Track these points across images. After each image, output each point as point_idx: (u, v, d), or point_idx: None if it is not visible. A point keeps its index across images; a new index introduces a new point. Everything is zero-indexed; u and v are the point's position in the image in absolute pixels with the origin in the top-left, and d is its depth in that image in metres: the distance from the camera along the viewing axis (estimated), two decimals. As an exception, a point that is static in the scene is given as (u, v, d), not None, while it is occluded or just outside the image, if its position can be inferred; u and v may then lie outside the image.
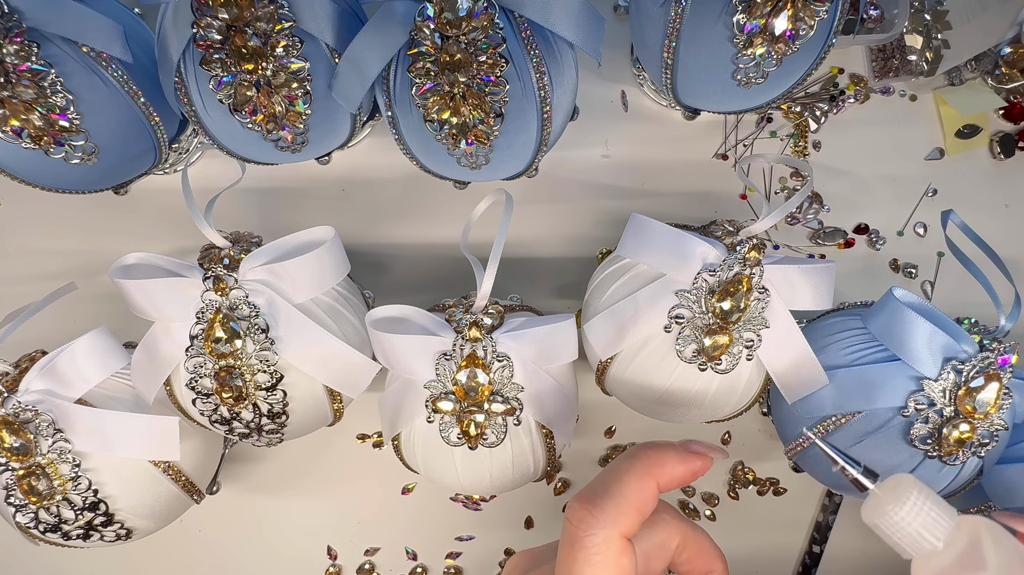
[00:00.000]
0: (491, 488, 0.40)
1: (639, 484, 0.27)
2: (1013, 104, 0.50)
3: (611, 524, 0.26)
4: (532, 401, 0.38)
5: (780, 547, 0.50)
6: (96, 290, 0.49)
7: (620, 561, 0.26)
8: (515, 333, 0.37)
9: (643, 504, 0.27)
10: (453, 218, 0.50)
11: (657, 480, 0.28)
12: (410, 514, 0.52)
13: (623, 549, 0.26)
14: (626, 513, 0.26)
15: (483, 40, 0.34)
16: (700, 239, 0.37)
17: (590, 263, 0.48)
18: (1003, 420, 0.37)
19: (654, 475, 0.28)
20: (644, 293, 0.38)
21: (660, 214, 0.41)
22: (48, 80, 0.37)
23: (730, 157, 0.51)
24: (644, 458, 0.28)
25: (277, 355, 0.37)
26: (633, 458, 0.28)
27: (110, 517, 0.39)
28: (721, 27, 0.37)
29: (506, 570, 0.31)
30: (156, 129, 0.42)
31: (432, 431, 0.38)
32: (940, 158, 0.51)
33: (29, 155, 0.39)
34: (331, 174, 0.51)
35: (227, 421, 0.39)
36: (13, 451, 0.37)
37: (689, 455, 0.29)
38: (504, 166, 0.41)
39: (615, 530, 0.26)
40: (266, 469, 0.52)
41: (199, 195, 0.39)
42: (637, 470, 0.28)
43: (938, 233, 0.45)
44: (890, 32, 0.46)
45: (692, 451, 0.29)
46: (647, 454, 0.28)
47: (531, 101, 0.37)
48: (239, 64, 0.36)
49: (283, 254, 0.38)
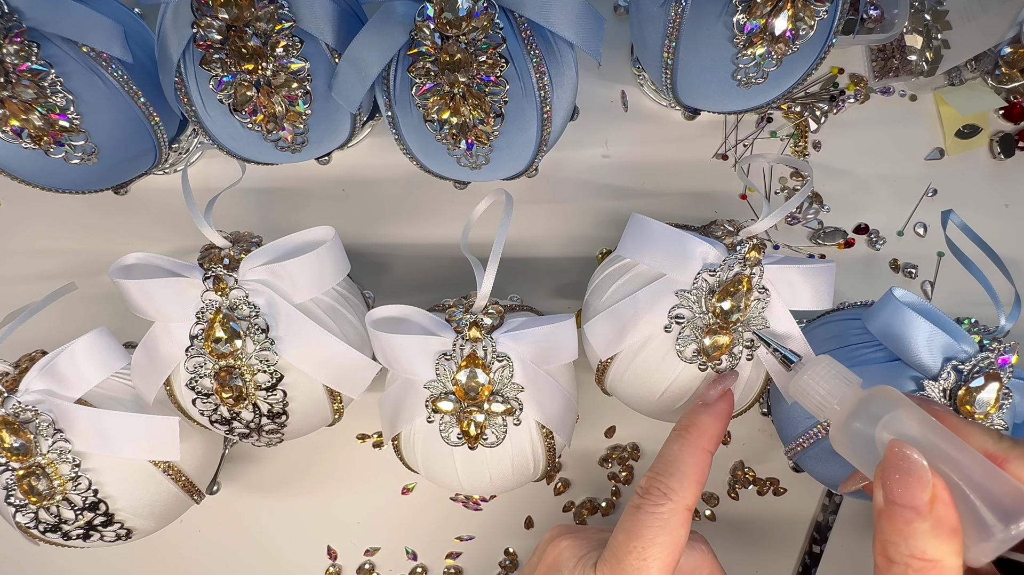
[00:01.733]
0: (491, 488, 0.40)
1: (693, 459, 0.31)
2: (1013, 104, 0.50)
3: (677, 497, 0.30)
4: (532, 401, 0.38)
5: (780, 547, 0.50)
6: (96, 290, 0.49)
7: (680, 531, 0.30)
8: (515, 333, 0.37)
9: (701, 475, 0.31)
10: (453, 218, 0.50)
11: (707, 448, 0.32)
12: (410, 514, 0.52)
13: (684, 522, 0.30)
14: (687, 487, 0.30)
15: (483, 40, 0.34)
16: (700, 239, 0.37)
17: (590, 263, 0.48)
18: (1003, 420, 0.37)
19: (702, 446, 0.32)
20: (644, 293, 0.38)
21: (660, 214, 0.41)
22: (48, 80, 0.37)
23: (730, 157, 0.51)
24: (687, 433, 0.32)
25: (277, 355, 0.37)
26: (681, 438, 0.32)
27: (110, 517, 0.39)
28: (721, 27, 0.37)
29: (550, 550, 0.33)
30: (156, 129, 0.42)
31: (432, 431, 0.38)
32: (940, 158, 0.51)
33: (29, 155, 0.39)
34: (331, 174, 0.51)
35: (227, 421, 0.39)
36: (13, 451, 0.37)
37: (717, 409, 0.33)
38: (504, 166, 0.41)
39: (681, 503, 0.30)
40: (266, 469, 0.52)
41: (199, 195, 0.39)
42: (689, 447, 0.32)
43: (938, 233, 0.45)
44: (890, 32, 0.46)
45: (716, 404, 0.33)
46: (687, 428, 0.32)
47: (531, 101, 0.37)
48: (239, 64, 0.36)
49: (283, 254, 0.38)
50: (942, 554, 0.24)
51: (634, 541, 0.29)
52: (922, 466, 0.25)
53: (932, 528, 0.24)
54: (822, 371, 0.31)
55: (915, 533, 0.24)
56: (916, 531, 0.24)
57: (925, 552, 0.24)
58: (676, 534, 0.30)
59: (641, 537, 0.29)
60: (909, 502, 0.24)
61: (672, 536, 0.29)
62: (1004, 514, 0.24)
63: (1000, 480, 0.25)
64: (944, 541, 0.24)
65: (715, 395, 0.34)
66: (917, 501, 0.24)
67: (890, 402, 0.28)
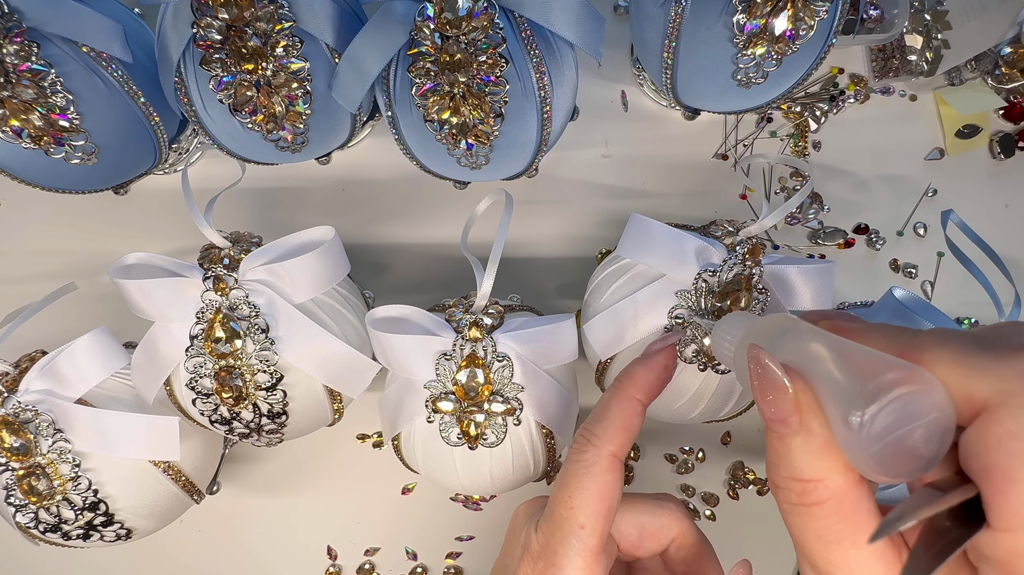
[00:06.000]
0: (491, 488, 0.40)
1: (619, 405, 0.30)
2: (1013, 104, 0.50)
3: (599, 443, 0.29)
4: (532, 401, 0.38)
5: (780, 547, 0.49)
6: (96, 290, 0.49)
7: (606, 476, 0.28)
8: (515, 333, 0.37)
9: (627, 423, 0.30)
10: (453, 218, 0.50)
11: (635, 396, 0.30)
12: (410, 514, 0.52)
13: (610, 466, 0.29)
14: (611, 432, 0.29)
15: (483, 40, 0.34)
16: (700, 239, 0.37)
17: (590, 263, 0.48)
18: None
19: (630, 394, 0.30)
20: (644, 293, 0.38)
21: (660, 214, 0.41)
22: (48, 80, 0.37)
23: (730, 157, 0.51)
24: (617, 383, 0.31)
25: (277, 355, 0.37)
26: (612, 388, 0.31)
27: (110, 517, 0.39)
28: (721, 27, 0.37)
29: (512, 518, 0.33)
30: (156, 129, 0.42)
31: (432, 431, 0.38)
32: (940, 158, 0.51)
33: (29, 155, 0.39)
34: (331, 174, 0.51)
35: (227, 421, 0.39)
36: (13, 451, 0.37)
37: (651, 359, 0.32)
38: (504, 166, 0.41)
39: (604, 448, 0.29)
40: (266, 469, 0.52)
41: (199, 195, 0.39)
42: (614, 394, 0.31)
43: (938, 233, 0.45)
44: (890, 32, 0.46)
45: (653, 356, 0.32)
46: (619, 378, 0.31)
47: (531, 101, 0.37)
48: (239, 64, 0.36)
49: (283, 254, 0.38)
50: (821, 471, 0.21)
51: (562, 491, 0.29)
52: (772, 369, 0.22)
53: (804, 442, 0.21)
54: (725, 322, 0.28)
55: (789, 450, 0.21)
56: (790, 448, 0.21)
57: (803, 471, 0.21)
58: (602, 480, 0.28)
59: (567, 486, 0.29)
60: (775, 414, 0.21)
61: (598, 483, 0.28)
62: (860, 399, 0.19)
63: (855, 358, 0.20)
64: (821, 456, 0.21)
65: (654, 347, 0.33)
66: (782, 411, 0.21)
67: (769, 321, 0.24)
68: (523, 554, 0.29)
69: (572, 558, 0.28)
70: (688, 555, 0.32)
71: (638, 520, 0.31)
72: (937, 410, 0.18)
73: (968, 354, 0.19)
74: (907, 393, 0.18)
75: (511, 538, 0.32)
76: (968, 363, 0.19)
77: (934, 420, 0.18)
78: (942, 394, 0.19)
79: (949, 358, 0.19)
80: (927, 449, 0.19)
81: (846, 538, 0.21)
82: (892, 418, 0.18)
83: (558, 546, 0.28)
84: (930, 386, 0.19)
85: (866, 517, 0.21)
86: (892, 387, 0.18)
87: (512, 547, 0.31)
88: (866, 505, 0.21)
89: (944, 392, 0.19)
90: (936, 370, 0.19)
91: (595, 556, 0.28)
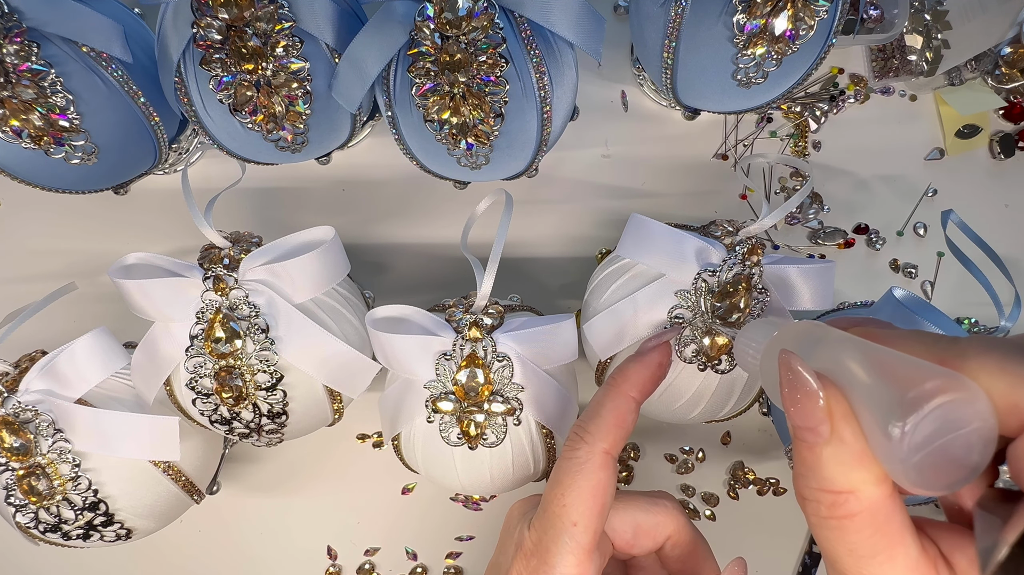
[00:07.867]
0: (491, 488, 0.40)
1: (613, 403, 0.30)
2: (1013, 104, 0.50)
3: (592, 440, 0.29)
4: (532, 401, 0.38)
5: (780, 547, 0.49)
6: (96, 290, 0.49)
7: (599, 474, 0.28)
8: (515, 333, 0.37)
9: (620, 420, 0.30)
10: (453, 218, 0.50)
11: (629, 394, 0.30)
12: (410, 514, 0.52)
13: (603, 463, 0.29)
14: (604, 430, 0.29)
15: (483, 40, 0.34)
16: (700, 239, 0.37)
17: (590, 263, 0.48)
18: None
19: (624, 391, 0.30)
20: (644, 293, 0.38)
21: (660, 214, 0.41)
22: (48, 80, 0.37)
23: (730, 157, 0.51)
24: (611, 380, 0.31)
25: (277, 355, 0.37)
26: (605, 385, 0.31)
27: (110, 517, 0.39)
28: (721, 27, 0.37)
29: (506, 516, 0.33)
30: (156, 129, 0.42)
31: (432, 431, 0.38)
32: (940, 158, 0.51)
33: (29, 155, 0.39)
34: (331, 174, 0.51)
35: (227, 421, 0.39)
36: (13, 451, 0.37)
37: (646, 357, 0.32)
38: (504, 166, 0.41)
39: (597, 445, 0.29)
40: (266, 469, 0.52)
41: (199, 195, 0.39)
42: (608, 392, 0.31)
43: (938, 233, 0.45)
44: (890, 32, 0.46)
45: (647, 353, 0.32)
46: (613, 375, 0.31)
47: (531, 101, 0.37)
48: (239, 64, 0.36)
49: (283, 254, 0.38)
50: (854, 482, 0.20)
51: (555, 488, 0.29)
52: (803, 375, 0.21)
53: (836, 452, 0.20)
54: (749, 329, 0.27)
55: (819, 460, 0.20)
56: (820, 458, 0.20)
57: (834, 483, 0.20)
58: (595, 477, 0.28)
59: (560, 483, 0.29)
60: (805, 422, 0.20)
61: (591, 480, 0.28)
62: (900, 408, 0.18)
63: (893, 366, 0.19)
64: (854, 466, 0.20)
65: (649, 345, 0.33)
66: (812, 419, 0.20)
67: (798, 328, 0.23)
68: (516, 552, 0.29)
69: (564, 555, 0.28)
70: (684, 553, 0.32)
71: (633, 518, 0.31)
72: (980, 419, 0.18)
73: (1015, 362, 0.18)
74: (949, 402, 0.18)
75: (505, 536, 0.32)
76: (1016, 371, 0.18)
77: (976, 430, 0.18)
78: (985, 403, 0.18)
79: (995, 366, 0.18)
80: (969, 459, 0.18)
81: (881, 552, 0.20)
82: (933, 427, 0.18)
83: (551, 544, 0.28)
84: (973, 394, 0.18)
85: (900, 530, 0.20)
86: (934, 395, 0.18)
87: (506, 545, 0.31)
88: (899, 517, 0.20)
89: (987, 401, 0.18)
90: (980, 378, 0.18)
91: (588, 554, 0.28)
